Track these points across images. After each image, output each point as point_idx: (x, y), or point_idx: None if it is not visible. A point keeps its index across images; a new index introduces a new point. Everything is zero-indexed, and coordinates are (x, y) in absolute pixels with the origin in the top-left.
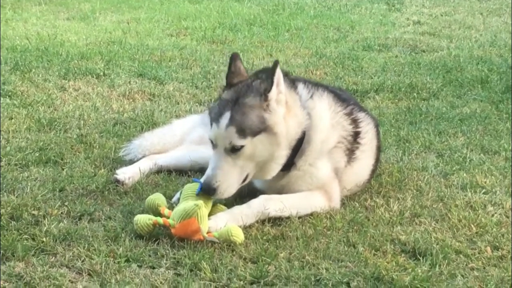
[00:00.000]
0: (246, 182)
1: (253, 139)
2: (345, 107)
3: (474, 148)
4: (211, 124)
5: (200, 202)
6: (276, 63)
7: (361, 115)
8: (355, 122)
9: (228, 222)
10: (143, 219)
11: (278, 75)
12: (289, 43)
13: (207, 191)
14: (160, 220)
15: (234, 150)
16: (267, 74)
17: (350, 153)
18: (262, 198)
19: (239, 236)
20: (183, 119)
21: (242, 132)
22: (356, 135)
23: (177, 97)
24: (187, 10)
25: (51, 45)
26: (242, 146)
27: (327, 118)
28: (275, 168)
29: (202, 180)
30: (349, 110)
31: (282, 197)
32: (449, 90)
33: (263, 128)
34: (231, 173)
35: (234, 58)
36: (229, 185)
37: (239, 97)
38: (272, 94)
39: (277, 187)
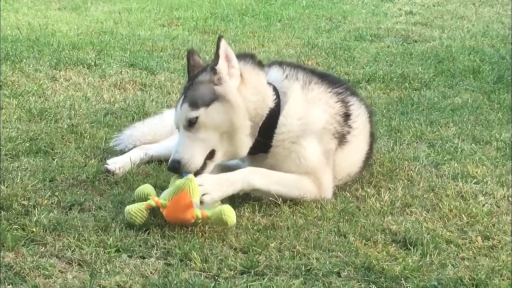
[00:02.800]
0: (217, 159)
1: (206, 109)
2: (332, 86)
3: (466, 138)
4: None
5: (191, 175)
6: (219, 39)
7: (352, 99)
8: (344, 102)
9: (213, 184)
10: (135, 207)
11: (224, 49)
12: (281, 33)
13: (172, 167)
14: (152, 202)
15: (191, 124)
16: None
17: (341, 136)
18: (248, 168)
19: (231, 216)
20: (174, 109)
21: (195, 104)
22: (346, 117)
23: (168, 87)
24: (179, 0)
25: (42, 35)
26: (197, 118)
27: (300, 95)
28: (243, 141)
29: (169, 161)
30: (336, 89)
31: (269, 171)
32: (441, 80)
33: (215, 98)
34: (192, 146)
35: (191, 53)
36: (192, 155)
37: (193, 80)
38: (221, 68)
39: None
